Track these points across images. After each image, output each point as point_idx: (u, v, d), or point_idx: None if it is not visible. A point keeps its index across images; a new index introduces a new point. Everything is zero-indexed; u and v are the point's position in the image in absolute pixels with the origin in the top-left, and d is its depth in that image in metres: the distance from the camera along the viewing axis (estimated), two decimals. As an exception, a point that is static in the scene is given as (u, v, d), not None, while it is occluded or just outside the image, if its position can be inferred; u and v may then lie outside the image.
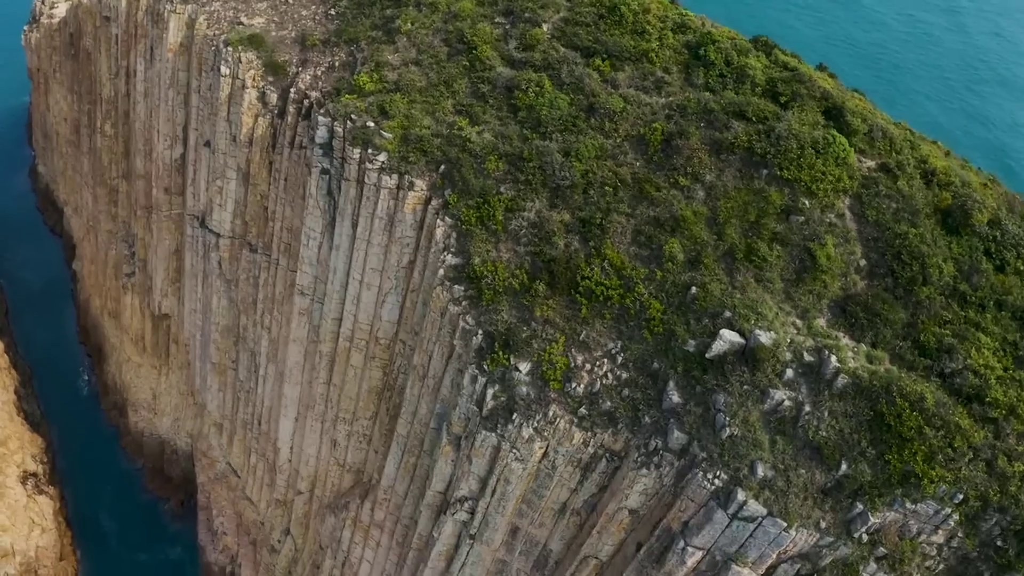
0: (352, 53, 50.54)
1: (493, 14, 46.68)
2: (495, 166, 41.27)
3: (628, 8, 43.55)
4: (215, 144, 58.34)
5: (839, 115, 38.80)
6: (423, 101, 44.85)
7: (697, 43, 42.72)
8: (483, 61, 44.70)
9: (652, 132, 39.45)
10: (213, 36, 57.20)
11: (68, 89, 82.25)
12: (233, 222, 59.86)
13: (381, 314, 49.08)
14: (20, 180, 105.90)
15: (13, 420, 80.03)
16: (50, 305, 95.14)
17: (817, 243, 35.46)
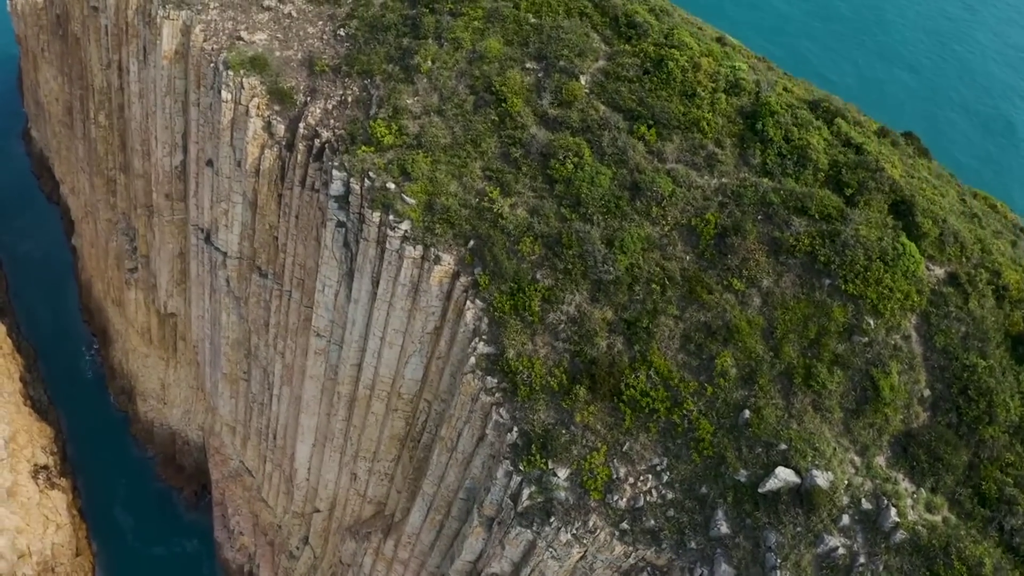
0: (366, 88, 46.32)
1: (523, 57, 42.33)
2: (530, 249, 38.21)
3: (676, 65, 39.30)
4: (218, 166, 54.64)
5: (908, 212, 35.53)
6: (448, 161, 41.21)
7: (752, 110, 38.80)
8: (514, 117, 40.81)
9: (704, 224, 36.25)
10: (211, 51, 52.57)
11: (58, 70, 77.05)
12: (241, 244, 56.81)
13: (404, 372, 46.87)
14: (13, 142, 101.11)
15: (20, 411, 78.74)
16: (51, 279, 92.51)
17: (881, 371, 32.98)
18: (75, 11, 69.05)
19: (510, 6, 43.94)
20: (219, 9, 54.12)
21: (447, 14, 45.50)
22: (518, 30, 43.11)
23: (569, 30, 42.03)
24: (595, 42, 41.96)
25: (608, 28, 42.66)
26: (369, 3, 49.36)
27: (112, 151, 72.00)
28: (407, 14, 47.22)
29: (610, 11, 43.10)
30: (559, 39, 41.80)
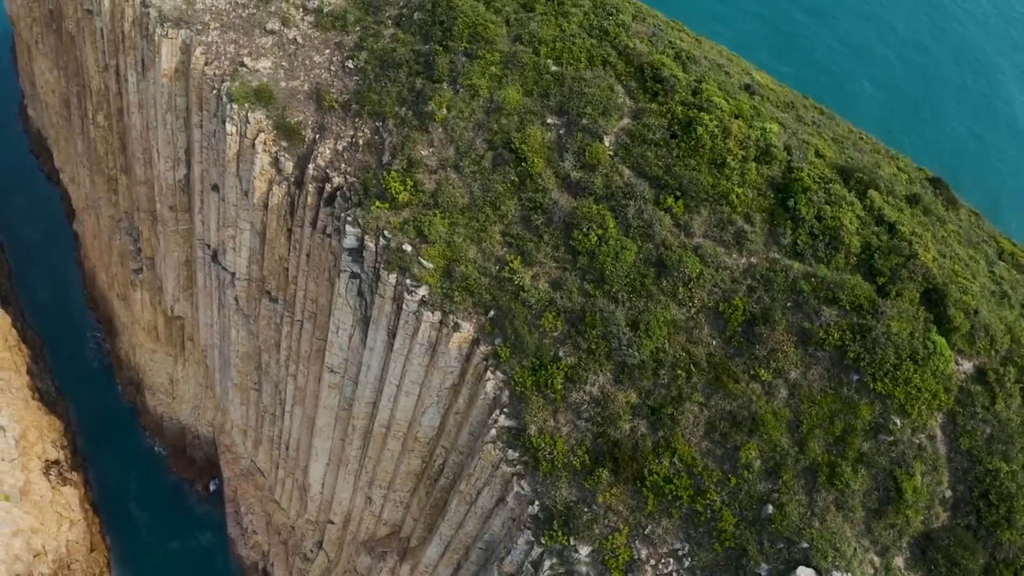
0: (378, 131, 44.74)
1: (544, 111, 40.73)
2: (552, 324, 37.56)
3: (705, 130, 37.80)
4: (224, 192, 53.30)
5: (940, 302, 34.81)
6: (466, 224, 40.10)
7: (784, 183, 37.55)
8: (535, 179, 39.52)
9: (732, 309, 35.54)
10: (213, 76, 50.59)
11: (53, 63, 74.33)
12: (249, 267, 55.92)
13: (421, 420, 46.69)
14: (10, 120, 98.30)
15: (29, 406, 78.88)
16: (53, 263, 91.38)
17: (904, 472, 32.87)
18: (68, 8, 66.30)
19: (529, 52, 42.06)
20: (220, 30, 51.86)
21: (462, 54, 43.60)
22: (538, 79, 41.37)
23: (592, 83, 40.33)
24: (619, 96, 40.30)
25: (632, 79, 40.90)
26: (379, 34, 47.27)
27: (112, 151, 70.19)
28: (419, 50, 45.27)
29: (635, 59, 41.28)
30: (582, 93, 40.15)
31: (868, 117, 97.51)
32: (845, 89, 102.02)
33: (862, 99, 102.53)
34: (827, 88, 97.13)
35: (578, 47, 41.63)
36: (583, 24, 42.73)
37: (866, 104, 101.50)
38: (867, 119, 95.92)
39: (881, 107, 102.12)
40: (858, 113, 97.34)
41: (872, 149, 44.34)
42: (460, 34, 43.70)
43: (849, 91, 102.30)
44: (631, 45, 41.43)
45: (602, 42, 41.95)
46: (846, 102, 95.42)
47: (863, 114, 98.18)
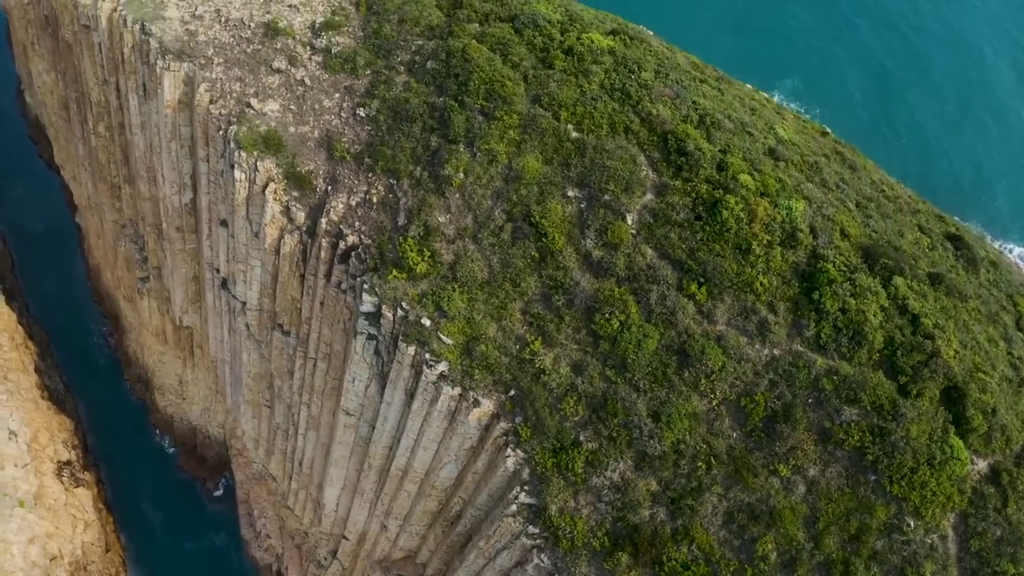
0: (392, 189, 43.82)
1: (564, 182, 39.83)
2: (573, 409, 37.60)
3: (731, 213, 37.06)
4: (233, 229, 52.54)
5: (960, 401, 34.90)
6: (485, 300, 39.67)
7: (809, 271, 37.07)
8: (555, 256, 38.93)
9: (754, 405, 35.56)
10: (219, 116, 49.30)
11: (50, 65, 72.04)
12: (260, 299, 55.54)
13: (438, 472, 47.06)
14: (6, 104, 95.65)
15: (39, 406, 79.24)
16: (56, 254, 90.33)
17: (915, 571, 33.83)
18: (64, 17, 64.04)
19: (548, 116, 40.89)
20: (224, 66, 50.29)
21: (478, 112, 42.40)
22: (558, 147, 40.36)
23: (614, 155, 39.35)
24: (642, 169, 39.38)
25: (656, 150, 39.91)
26: (390, 81, 45.87)
27: (115, 161, 68.79)
28: (433, 102, 43.98)
29: (658, 127, 40.21)
30: (604, 167, 39.22)
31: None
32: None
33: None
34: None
35: (599, 112, 40.48)
36: (604, 84, 41.46)
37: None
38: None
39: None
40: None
41: (895, 207, 43.63)
42: (476, 90, 42.43)
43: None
44: (654, 112, 40.28)
45: (624, 106, 40.78)
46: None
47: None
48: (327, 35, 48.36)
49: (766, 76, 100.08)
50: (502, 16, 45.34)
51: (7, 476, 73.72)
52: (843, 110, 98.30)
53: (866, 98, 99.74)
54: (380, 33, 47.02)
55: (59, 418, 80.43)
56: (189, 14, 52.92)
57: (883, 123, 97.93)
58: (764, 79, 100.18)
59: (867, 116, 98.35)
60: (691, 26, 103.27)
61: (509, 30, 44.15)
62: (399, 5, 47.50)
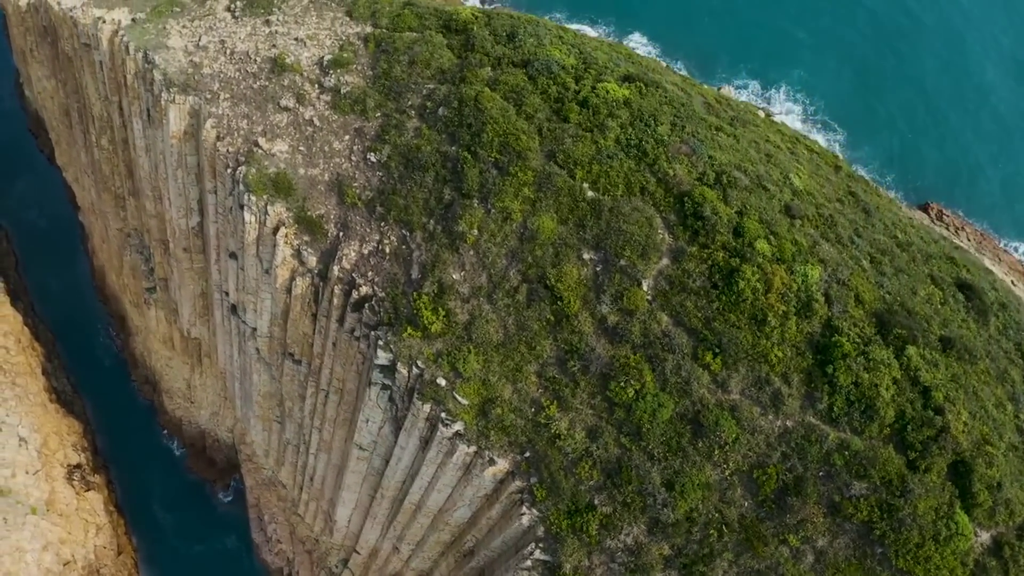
0: (405, 240, 43.59)
1: (580, 244, 39.65)
2: (588, 474, 38.07)
3: (747, 284, 37.04)
4: (243, 263, 52.42)
5: (967, 475, 35.47)
6: (501, 362, 39.83)
7: (823, 342, 37.19)
8: (571, 321, 38.99)
9: (766, 477, 36.03)
10: (226, 154, 48.81)
11: (50, 73, 70.71)
12: (271, 328, 55.59)
13: (452, 512, 47.65)
14: (4, 93, 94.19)
15: (47, 410, 79.77)
16: (60, 251, 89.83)
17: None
18: (63, 31, 62.83)
19: (564, 174, 40.55)
20: (230, 102, 49.59)
21: (492, 166, 42.00)
22: (573, 207, 40.11)
23: (630, 217, 39.13)
24: (659, 232, 39.19)
25: (672, 211, 39.67)
26: (401, 126, 45.27)
27: (119, 173, 68.19)
28: (445, 151, 43.51)
29: (674, 187, 39.91)
30: (620, 230, 39.03)
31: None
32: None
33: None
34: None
35: (615, 171, 40.15)
36: (620, 139, 41.03)
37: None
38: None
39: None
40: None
41: (908, 258, 43.61)
42: (489, 142, 41.99)
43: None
44: (671, 172, 39.97)
45: (640, 164, 40.43)
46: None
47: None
48: (336, 73, 47.61)
49: (775, 66, 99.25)
50: (515, 61, 44.62)
51: (19, 484, 74.55)
52: (849, 101, 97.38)
53: (874, 89, 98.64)
54: (390, 74, 46.31)
55: (68, 421, 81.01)
56: (193, 44, 52.03)
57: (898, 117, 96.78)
58: (773, 69, 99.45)
59: (880, 108, 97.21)
60: (698, 15, 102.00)
61: (523, 77, 43.50)
62: (409, 44, 46.70)
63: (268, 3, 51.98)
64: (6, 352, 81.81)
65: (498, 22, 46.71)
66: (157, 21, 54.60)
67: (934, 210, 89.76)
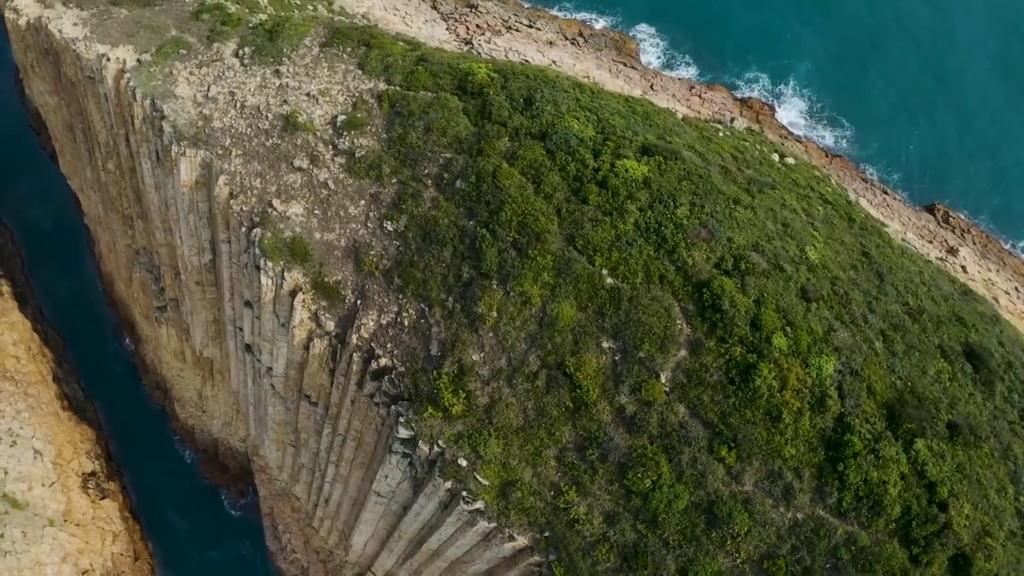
0: (424, 315, 43.85)
1: (599, 332, 40.03)
2: (606, 557, 39.31)
3: (764, 381, 37.74)
4: (259, 313, 52.64)
5: (966, 569, 36.96)
6: (521, 445, 40.66)
7: (834, 436, 38.05)
8: (590, 409, 39.73)
9: (776, 568, 37.40)
10: (240, 212, 48.62)
11: (52, 90, 69.55)
12: (287, 371, 56.15)
13: (469, 565, 48.95)
14: (5, 92, 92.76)
15: (60, 419, 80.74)
16: (66, 251, 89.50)
17: None
18: (66, 57, 61.68)
19: (583, 260, 40.71)
20: (243, 159, 49.20)
21: (510, 245, 42.06)
22: (593, 294, 40.39)
23: (649, 308, 39.50)
24: (677, 323, 39.61)
25: (691, 300, 40.00)
26: (418, 195, 45.09)
27: (126, 195, 67.83)
28: (463, 226, 43.47)
29: (693, 276, 40.17)
30: (639, 322, 39.46)
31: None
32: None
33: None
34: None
35: (635, 259, 40.34)
36: (639, 223, 41.08)
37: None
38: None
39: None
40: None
41: (919, 328, 44.27)
42: (508, 221, 42.02)
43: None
44: (690, 262, 40.21)
45: (659, 251, 40.60)
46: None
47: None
48: (350, 135, 47.18)
49: (783, 57, 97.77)
50: (533, 132, 44.27)
51: (36, 497, 76.00)
52: (857, 96, 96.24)
53: (882, 84, 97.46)
54: (405, 140, 45.93)
55: (81, 428, 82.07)
56: (202, 94, 51.33)
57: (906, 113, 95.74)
58: (781, 61, 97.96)
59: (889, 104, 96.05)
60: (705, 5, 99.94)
61: (541, 151, 43.25)
62: (424, 108, 46.19)
63: (277, 51, 51.14)
64: (17, 362, 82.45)
65: (514, 84, 46.13)
66: (163, 64, 53.74)
67: (940, 211, 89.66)
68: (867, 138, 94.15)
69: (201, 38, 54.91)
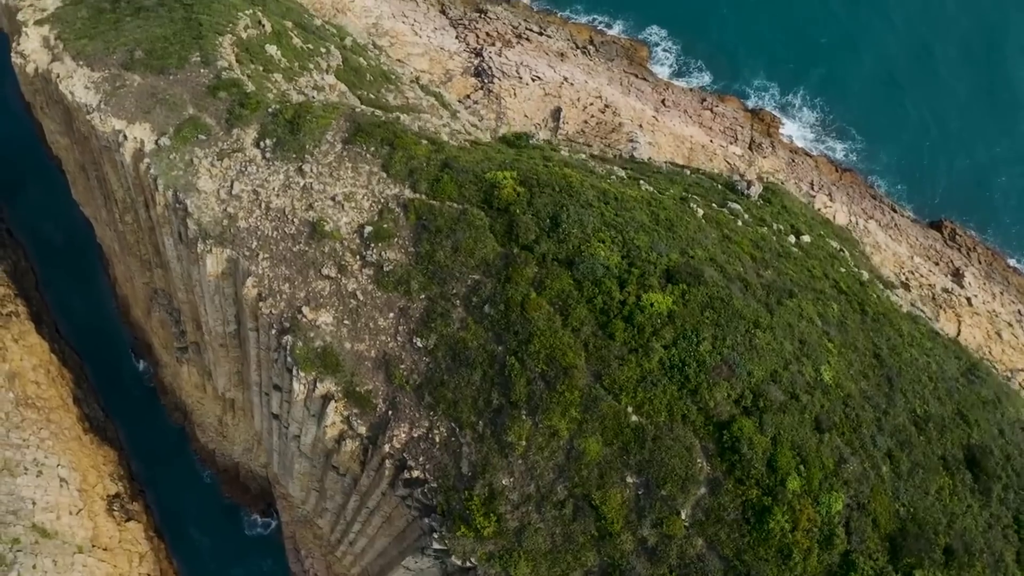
0: (455, 434, 45.52)
1: (623, 468, 41.94)
2: (629, 675, 42.01)
3: (777, 524, 39.98)
4: (289, 401, 54.06)
5: None
6: (549, 567, 42.97)
7: (839, 572, 40.47)
8: (614, 539, 41.97)
9: None
10: (269, 315, 49.63)
11: (63, 132, 69.01)
12: (315, 445, 57.99)
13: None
14: (9, 98, 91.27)
15: (82, 442, 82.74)
16: (79, 266, 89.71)
17: None
18: (79, 115, 61.00)
19: (609, 398, 42.30)
20: (270, 262, 49.89)
21: (539, 376, 43.52)
22: (618, 431, 42.17)
23: (672, 450, 41.39)
24: (697, 461, 41.58)
25: (711, 440, 41.91)
26: (447, 315, 46.16)
27: (144, 244, 68.23)
28: (492, 350, 44.77)
29: (714, 416, 41.96)
30: (662, 462, 41.40)
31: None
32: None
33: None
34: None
35: (659, 399, 42.01)
36: (664, 361, 42.54)
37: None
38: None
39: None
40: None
41: (925, 440, 46.42)
42: (536, 353, 43.42)
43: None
44: (711, 404, 41.90)
45: (683, 390, 42.25)
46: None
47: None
48: (377, 247, 47.89)
49: (794, 64, 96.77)
50: (560, 258, 45.14)
51: (64, 525, 78.67)
52: (867, 107, 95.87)
53: (893, 96, 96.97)
54: (433, 258, 46.74)
55: (103, 450, 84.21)
56: (225, 191, 51.59)
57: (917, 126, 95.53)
58: (792, 68, 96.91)
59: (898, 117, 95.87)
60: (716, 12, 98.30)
61: (568, 280, 44.27)
62: (451, 224, 46.83)
63: (300, 147, 51.24)
64: (37, 387, 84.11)
65: (540, 201, 46.68)
66: (183, 149, 53.77)
67: (948, 229, 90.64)
68: (877, 150, 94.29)
69: (219, 120, 54.75)
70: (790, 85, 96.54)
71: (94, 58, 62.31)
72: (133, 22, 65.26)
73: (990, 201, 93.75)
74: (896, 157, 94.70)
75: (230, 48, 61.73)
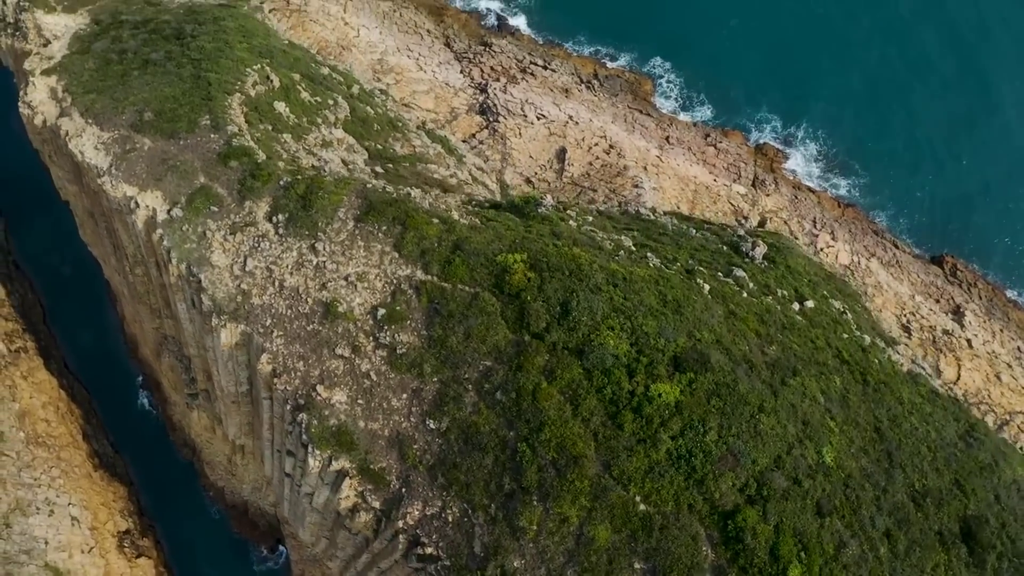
0: (467, 514, 46.74)
1: (631, 554, 43.21)
2: None
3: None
4: (303, 467, 55.19)
5: None
6: (559, 650, 44.34)
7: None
8: (622, 624, 43.30)
9: None
10: (283, 391, 50.69)
11: (72, 180, 69.64)
12: (327, 505, 59.21)
13: None
14: (12, 122, 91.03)
15: (92, 479, 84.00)
16: (86, 299, 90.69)
17: None
18: (90, 173, 61.57)
19: (619, 488, 43.51)
20: (284, 340, 50.86)
21: (550, 464, 44.71)
22: (626, 520, 43.39)
23: (679, 539, 42.63)
24: (703, 549, 42.82)
25: (716, 528, 43.13)
26: (459, 399, 47.27)
27: (155, 296, 69.13)
28: (504, 436, 45.94)
29: (719, 505, 43.20)
30: (668, 551, 42.65)
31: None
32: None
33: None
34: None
35: (666, 489, 43.21)
36: (671, 452, 43.72)
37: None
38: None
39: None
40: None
41: (922, 515, 47.73)
42: (547, 441, 44.61)
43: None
44: (717, 495, 43.08)
45: (689, 481, 43.43)
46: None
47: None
48: (390, 330, 48.88)
49: (796, 97, 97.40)
50: (570, 346, 46.19)
51: (76, 564, 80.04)
52: (869, 141, 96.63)
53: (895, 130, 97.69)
54: (446, 343, 47.76)
55: (113, 486, 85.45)
56: (239, 266, 52.46)
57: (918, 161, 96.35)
58: (794, 101, 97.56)
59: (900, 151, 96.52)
60: (718, 44, 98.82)
61: (578, 370, 45.36)
62: (462, 309, 47.82)
63: (312, 224, 52.09)
64: (47, 424, 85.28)
65: (550, 287, 47.66)
66: (196, 221, 54.54)
67: (949, 264, 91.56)
68: (879, 185, 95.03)
69: (231, 190, 55.53)
70: (792, 117, 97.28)
71: (103, 116, 62.88)
72: (141, 77, 65.76)
73: (993, 233, 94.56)
74: (898, 190, 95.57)
75: (239, 109, 62.36)
